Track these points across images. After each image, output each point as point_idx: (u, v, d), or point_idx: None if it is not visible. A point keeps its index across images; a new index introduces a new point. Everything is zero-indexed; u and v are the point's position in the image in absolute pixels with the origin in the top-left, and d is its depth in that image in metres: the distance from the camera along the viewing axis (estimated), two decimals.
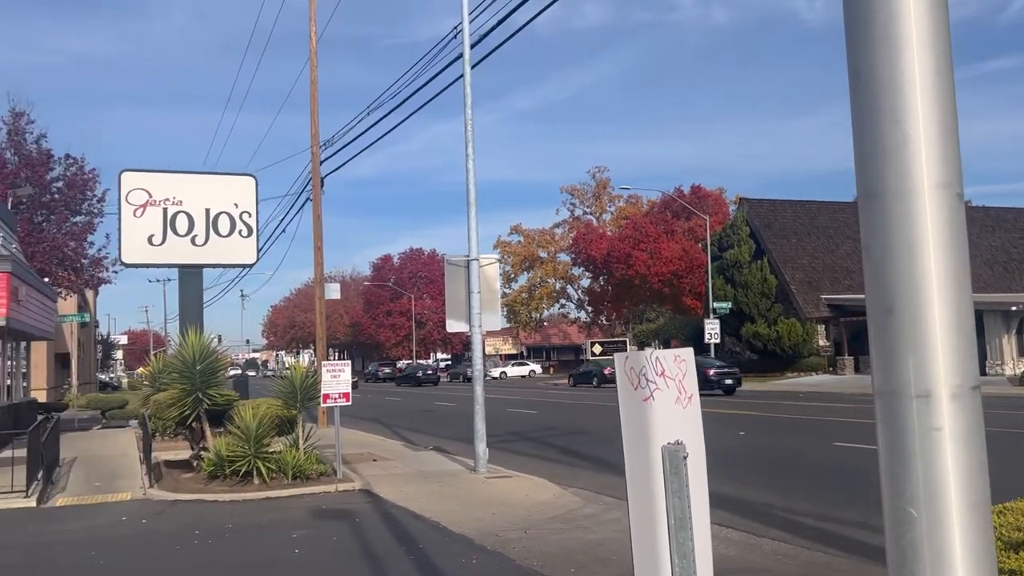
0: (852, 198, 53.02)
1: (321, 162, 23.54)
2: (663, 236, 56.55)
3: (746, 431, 17.89)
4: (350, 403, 12.43)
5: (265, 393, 15.28)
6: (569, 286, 75.58)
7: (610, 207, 73.89)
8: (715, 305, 41.80)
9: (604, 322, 71.26)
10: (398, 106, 19.68)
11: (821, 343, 45.23)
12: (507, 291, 72.84)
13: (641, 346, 65.18)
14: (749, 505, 9.50)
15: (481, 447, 12.50)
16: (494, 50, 14.96)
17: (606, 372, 46.61)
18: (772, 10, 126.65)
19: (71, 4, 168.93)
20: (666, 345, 60.60)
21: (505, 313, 71.90)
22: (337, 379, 12.27)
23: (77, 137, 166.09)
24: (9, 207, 24.49)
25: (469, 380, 59.86)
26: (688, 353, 2.31)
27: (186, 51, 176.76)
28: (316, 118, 23.30)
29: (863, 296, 1.68)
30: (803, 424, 19.64)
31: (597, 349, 54.88)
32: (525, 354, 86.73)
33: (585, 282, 71.30)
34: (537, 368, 73.10)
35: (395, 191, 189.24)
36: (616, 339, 61.16)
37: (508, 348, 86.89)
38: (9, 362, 19.49)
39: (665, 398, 2.16)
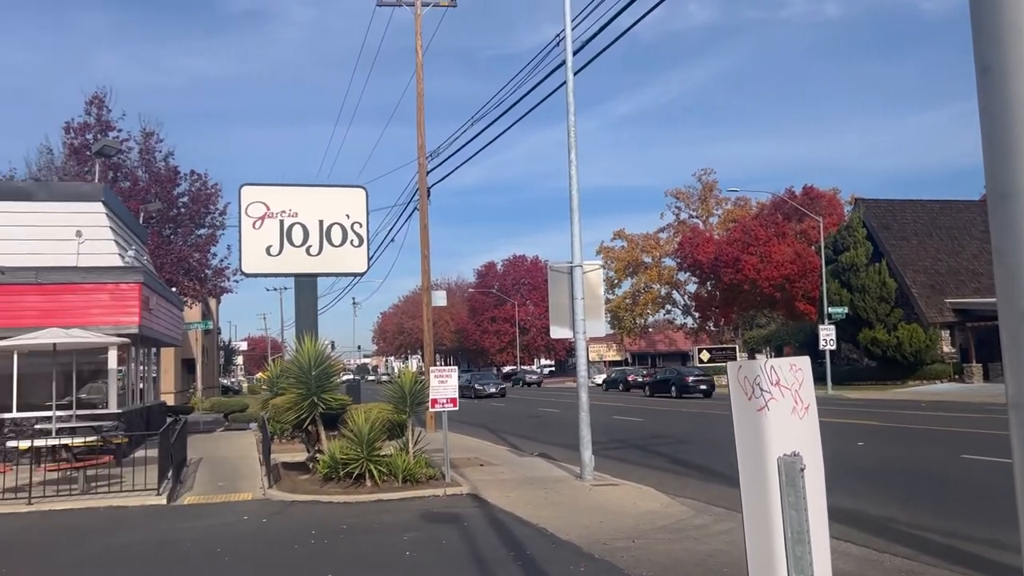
0: (978, 196, 50.04)
1: (427, 172, 24.07)
2: (774, 239, 54.89)
3: (865, 442, 17.11)
4: (457, 408, 12.64)
5: (376, 398, 15.74)
6: (675, 291, 74.40)
7: (717, 210, 72.37)
8: (830, 310, 40.20)
9: (712, 328, 69.73)
10: (501, 115, 19.98)
11: (946, 349, 42.77)
12: (611, 297, 72.33)
13: (751, 353, 63.44)
14: (870, 519, 9.09)
15: (587, 454, 12.45)
16: (597, 55, 14.92)
17: (630, 379, 45.76)
18: (888, 1, 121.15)
19: (195, 28, 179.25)
20: (778, 352, 58.74)
21: (609, 319, 71.41)
22: (444, 384, 12.50)
23: (200, 153, 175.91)
24: (141, 221, 26.16)
25: (528, 385, 60.99)
26: (804, 362, 2.24)
27: (300, 69, 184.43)
28: (423, 130, 23.86)
29: (993, 300, 1.60)
30: (927, 435, 18.62)
31: (705, 356, 53.80)
32: (630, 360, 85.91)
33: (692, 287, 70.03)
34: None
35: (498, 199, 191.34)
36: (725, 346, 59.76)
37: (612, 354, 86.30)
38: (141, 367, 20.78)
39: (781, 408, 2.10)
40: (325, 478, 12.32)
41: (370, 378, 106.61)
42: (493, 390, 47.61)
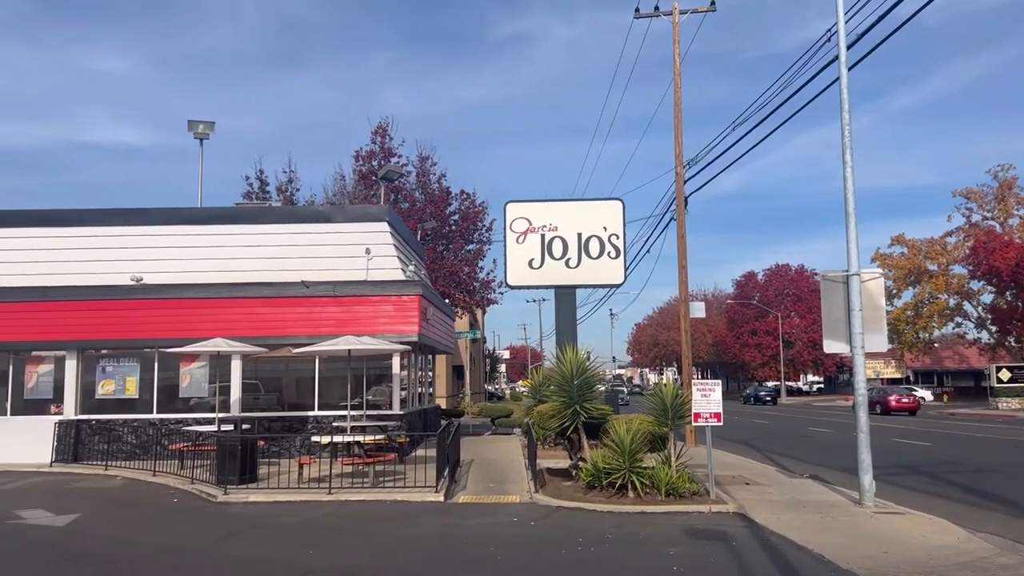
0: None
1: (685, 182, 23.77)
2: None
3: None
4: (722, 423, 12.30)
5: (634, 409, 15.77)
6: (966, 302, 66.51)
7: (1018, 210, 63.71)
8: None
9: (1013, 344, 61.43)
10: (764, 119, 19.19)
11: None
12: (889, 308, 66.35)
13: None
14: None
15: (867, 478, 11.53)
16: (874, 48, 13.81)
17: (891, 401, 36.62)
18: None
19: (464, 58, 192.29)
20: None
21: (887, 333, 65.54)
22: (708, 398, 12.23)
23: (468, 173, 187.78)
24: (418, 238, 28.49)
25: (763, 403, 58.76)
26: None
27: (559, 87, 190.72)
28: (680, 139, 23.62)
29: None
30: None
31: (1004, 375, 47.54)
32: (911, 379, 78.24)
33: (987, 298, 62.25)
34: (927, 395, 65.35)
35: (758, 205, 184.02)
36: None
37: (891, 372, 79.15)
38: (419, 372, 22.55)
39: None
40: (588, 486, 12.55)
41: (619, 388, 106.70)
42: None
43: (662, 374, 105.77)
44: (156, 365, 18.63)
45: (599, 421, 13.71)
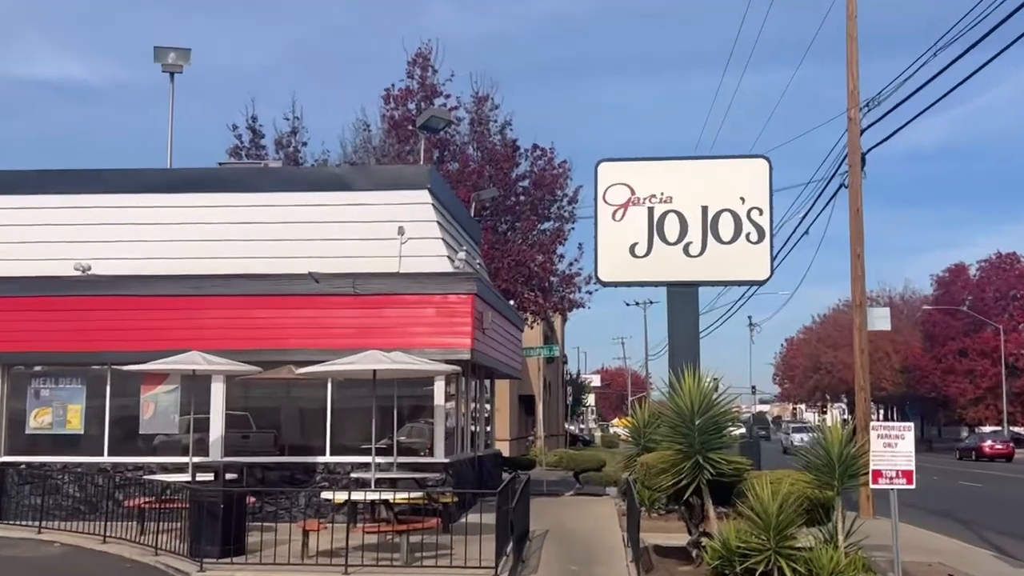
0: None
1: (862, 132, 23.29)
2: None
3: None
4: (913, 486, 12.02)
5: (786, 462, 15.52)
6: None
7: None
8: None
9: None
10: (981, 38, 18.61)
11: None
12: None
13: None
14: None
15: None
16: None
17: None
18: None
19: None
20: None
21: None
22: (893, 449, 12.01)
23: (544, 121, 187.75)
24: (473, 214, 28.54)
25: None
26: None
27: None
28: (855, 69, 23.15)
29: None
30: None
31: None
32: None
33: None
34: None
35: (969, 167, 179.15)
36: None
37: None
38: (473, 404, 22.60)
39: None
40: (715, 572, 12.43)
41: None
42: None
43: (825, 412, 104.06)
44: (108, 388, 19.15)
45: (732, 479, 13.55)
